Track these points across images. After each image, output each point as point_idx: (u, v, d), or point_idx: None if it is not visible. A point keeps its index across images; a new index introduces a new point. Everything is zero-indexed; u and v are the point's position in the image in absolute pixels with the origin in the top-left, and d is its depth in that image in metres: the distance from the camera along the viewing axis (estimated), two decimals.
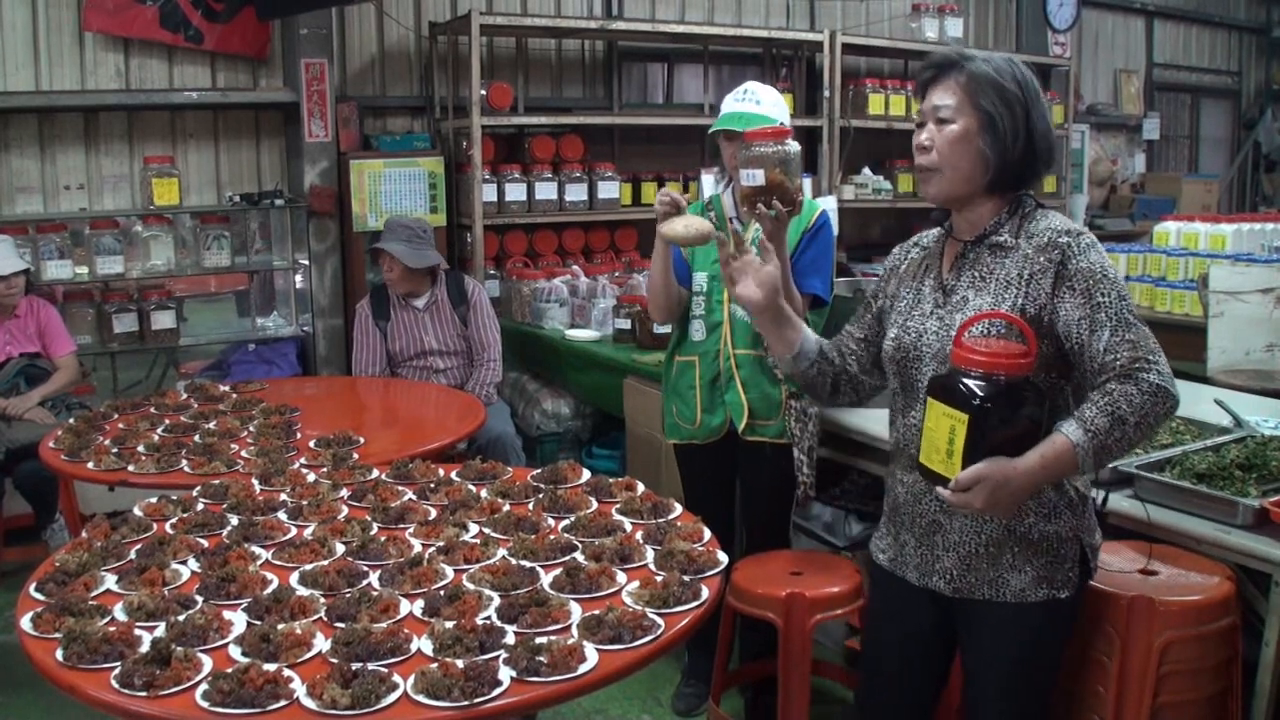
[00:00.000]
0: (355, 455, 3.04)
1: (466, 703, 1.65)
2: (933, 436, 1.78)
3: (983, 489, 1.72)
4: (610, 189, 5.89)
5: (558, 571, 2.10)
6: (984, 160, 1.89)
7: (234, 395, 3.84)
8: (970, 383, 1.72)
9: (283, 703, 1.65)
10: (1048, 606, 1.92)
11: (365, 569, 2.15)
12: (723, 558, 2.20)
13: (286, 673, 1.71)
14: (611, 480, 2.69)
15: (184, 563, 2.21)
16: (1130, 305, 1.83)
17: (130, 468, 2.99)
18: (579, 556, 2.20)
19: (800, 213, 2.74)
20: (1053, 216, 1.92)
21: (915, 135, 1.96)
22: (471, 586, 2.04)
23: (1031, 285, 1.86)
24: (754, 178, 2.59)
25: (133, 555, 2.25)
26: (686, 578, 2.06)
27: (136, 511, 2.52)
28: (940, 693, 2.14)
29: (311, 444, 3.18)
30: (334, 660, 1.76)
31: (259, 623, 1.90)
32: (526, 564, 2.15)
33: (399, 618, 1.93)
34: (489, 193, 5.51)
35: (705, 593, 2.03)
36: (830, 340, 2.22)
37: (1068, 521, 1.92)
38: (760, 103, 2.97)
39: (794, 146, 2.67)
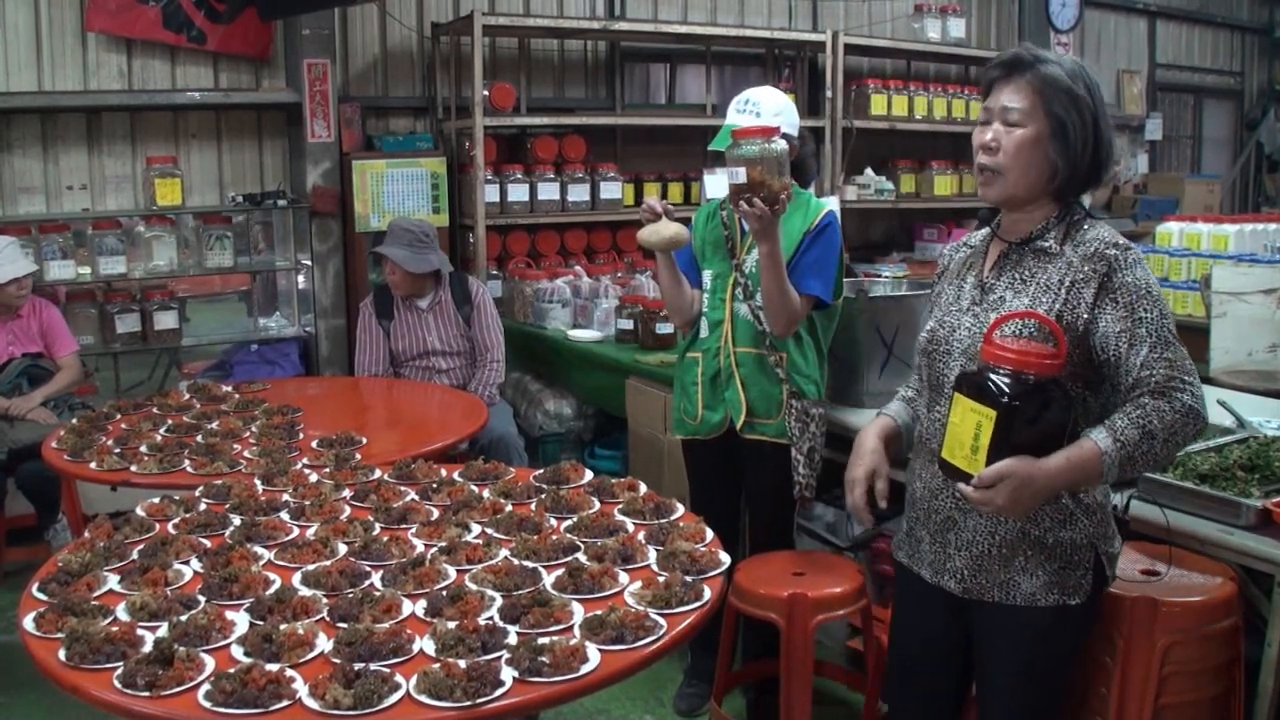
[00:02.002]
0: (357, 456, 3.05)
1: (469, 703, 1.65)
2: (957, 432, 1.76)
3: (1006, 487, 1.70)
4: (613, 189, 5.90)
5: (560, 572, 2.11)
6: (1051, 167, 1.86)
7: (236, 395, 3.84)
8: (1000, 380, 1.71)
9: (285, 703, 1.65)
10: (1058, 612, 1.89)
11: (367, 569, 2.15)
12: (725, 558, 2.20)
13: (289, 673, 1.71)
14: (614, 480, 2.69)
15: (186, 563, 2.21)
16: (1171, 325, 1.81)
17: (133, 468, 2.99)
18: (581, 557, 2.20)
19: (785, 210, 2.73)
20: (1101, 227, 1.90)
21: (978, 133, 1.91)
22: (474, 587, 2.04)
23: (1072, 293, 1.84)
24: (737, 175, 2.61)
25: (135, 555, 2.25)
26: (689, 578, 2.06)
27: (139, 512, 2.52)
28: (966, 692, 2.12)
29: (314, 444, 3.18)
30: (336, 660, 1.76)
31: (261, 623, 1.90)
32: (529, 564, 2.16)
33: (401, 618, 1.93)
34: (491, 193, 5.52)
35: (707, 593, 2.03)
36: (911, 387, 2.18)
37: (1084, 528, 1.90)
38: (760, 114, 2.95)
39: (779, 145, 2.67)
